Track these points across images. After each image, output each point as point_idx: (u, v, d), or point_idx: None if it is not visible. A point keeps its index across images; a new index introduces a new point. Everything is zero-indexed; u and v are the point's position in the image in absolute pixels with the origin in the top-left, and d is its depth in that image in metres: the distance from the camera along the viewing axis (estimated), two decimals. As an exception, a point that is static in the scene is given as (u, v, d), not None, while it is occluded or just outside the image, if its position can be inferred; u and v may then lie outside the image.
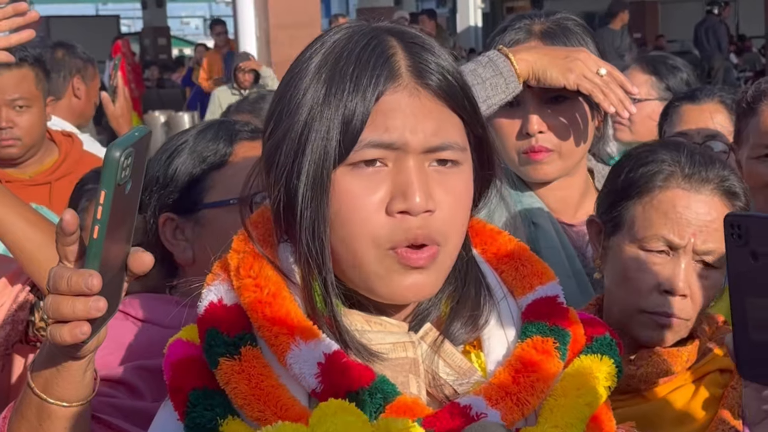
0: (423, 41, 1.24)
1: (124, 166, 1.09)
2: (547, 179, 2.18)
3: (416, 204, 1.17)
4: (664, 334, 1.75)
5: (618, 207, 1.81)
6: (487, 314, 1.28)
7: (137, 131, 1.13)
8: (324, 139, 1.18)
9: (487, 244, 1.35)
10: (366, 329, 1.23)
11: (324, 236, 1.19)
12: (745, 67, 17.50)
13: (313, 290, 1.22)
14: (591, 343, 1.30)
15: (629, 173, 1.81)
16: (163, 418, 1.28)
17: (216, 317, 1.23)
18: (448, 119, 1.22)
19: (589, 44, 2.18)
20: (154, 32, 21.08)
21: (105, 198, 1.09)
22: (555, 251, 2.14)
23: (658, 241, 1.73)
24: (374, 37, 1.23)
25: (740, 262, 1.25)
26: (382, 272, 1.20)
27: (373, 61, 1.20)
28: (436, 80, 1.21)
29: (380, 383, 1.17)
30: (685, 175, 1.74)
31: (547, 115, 2.13)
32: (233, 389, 1.18)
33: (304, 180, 1.19)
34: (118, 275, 1.19)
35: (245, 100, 3.64)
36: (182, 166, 1.85)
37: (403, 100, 1.19)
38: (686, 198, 1.72)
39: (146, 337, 1.78)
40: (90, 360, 1.27)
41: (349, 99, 1.18)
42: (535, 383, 1.22)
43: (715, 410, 1.72)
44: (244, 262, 1.24)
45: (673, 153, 1.77)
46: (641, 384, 1.76)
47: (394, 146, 1.18)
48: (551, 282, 1.32)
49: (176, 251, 1.86)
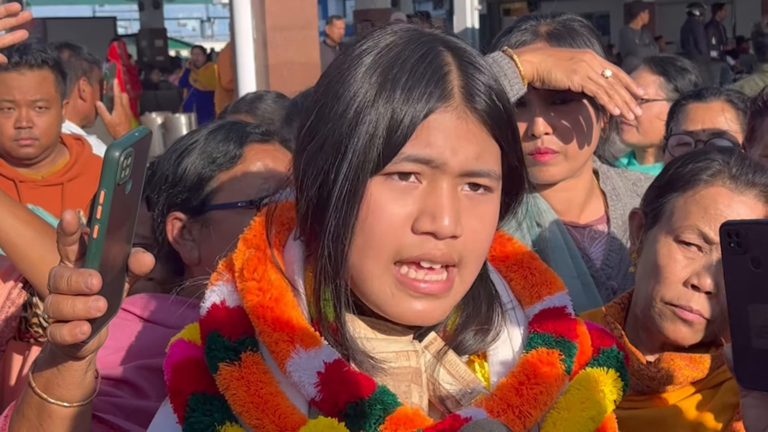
0: (476, 61, 1.22)
1: (123, 166, 1.08)
2: (553, 181, 2.17)
3: (444, 227, 1.15)
4: (684, 329, 1.74)
5: (661, 199, 1.81)
6: (497, 330, 1.26)
7: (137, 132, 1.13)
8: (366, 145, 1.16)
9: (496, 251, 1.34)
10: (370, 337, 1.22)
11: (346, 243, 1.18)
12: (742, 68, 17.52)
13: (321, 296, 1.20)
14: (598, 355, 1.29)
15: (678, 168, 1.81)
16: (162, 418, 1.28)
17: (218, 319, 1.22)
18: (489, 147, 1.20)
19: (594, 45, 2.18)
20: (150, 34, 21.06)
21: (105, 198, 1.08)
22: (560, 252, 2.14)
23: (692, 233, 1.72)
24: (431, 49, 1.20)
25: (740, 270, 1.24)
26: (389, 293, 1.18)
27: (428, 77, 1.17)
28: (484, 104, 1.19)
29: (380, 394, 1.16)
30: (732, 175, 1.74)
31: (553, 117, 2.12)
32: (232, 395, 1.17)
33: (340, 184, 1.17)
34: (119, 275, 1.18)
35: (243, 99, 3.61)
36: (191, 166, 1.84)
37: (450, 121, 1.17)
38: (728, 197, 1.72)
39: (149, 337, 1.77)
40: (91, 360, 1.26)
41: (398, 109, 1.16)
42: (539, 396, 1.20)
43: (731, 418, 1.71)
44: (249, 263, 1.23)
45: (725, 155, 1.78)
46: (659, 386, 1.75)
47: (432, 164, 1.16)
48: (560, 292, 1.30)
49: (183, 251, 1.85)
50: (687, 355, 1.76)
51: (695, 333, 1.75)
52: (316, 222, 1.21)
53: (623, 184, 2.30)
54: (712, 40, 15.58)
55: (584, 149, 2.15)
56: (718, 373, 1.77)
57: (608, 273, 2.18)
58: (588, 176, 2.25)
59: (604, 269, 2.18)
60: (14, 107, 3.33)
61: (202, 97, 14.75)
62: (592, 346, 1.29)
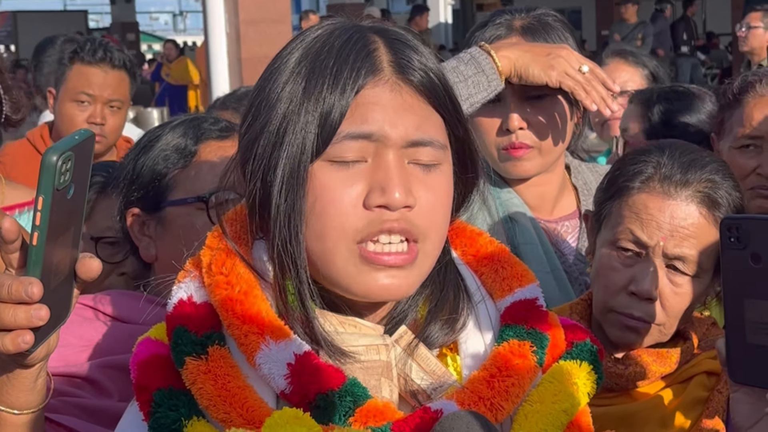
0: (406, 38, 1.22)
1: (62, 171, 1.05)
2: (527, 176, 2.17)
3: (395, 198, 1.15)
4: (631, 336, 1.74)
5: (603, 204, 1.81)
6: (465, 318, 1.26)
7: (77, 134, 1.10)
8: (302, 131, 1.16)
9: (467, 246, 1.33)
10: (340, 330, 1.21)
11: (299, 231, 1.17)
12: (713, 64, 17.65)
13: (286, 288, 1.19)
14: (571, 349, 1.29)
15: (616, 172, 1.81)
16: (129, 417, 1.26)
17: (184, 315, 1.20)
18: (429, 116, 1.20)
19: (569, 40, 2.18)
20: (122, 27, 20.93)
21: (43, 204, 1.05)
22: (533, 247, 2.14)
23: (627, 239, 1.72)
24: (356, 32, 1.21)
25: (738, 265, 1.24)
26: (353, 270, 1.17)
27: (354, 55, 1.18)
28: (418, 77, 1.19)
29: (351, 386, 1.15)
30: (664, 177, 1.72)
31: (527, 112, 2.12)
32: (199, 389, 1.16)
33: (281, 173, 1.16)
34: (66, 282, 1.15)
35: (233, 95, 3.54)
36: (149, 162, 1.84)
37: (384, 94, 1.17)
38: (659, 201, 1.70)
39: (115, 335, 1.76)
40: (41, 368, 1.23)
41: (329, 92, 1.16)
42: (510, 388, 1.20)
43: (701, 412, 1.72)
44: (217, 259, 1.22)
45: (660, 155, 1.75)
46: (629, 383, 1.75)
47: (372, 138, 1.16)
48: (531, 284, 1.30)
49: (141, 247, 1.85)
50: (654, 351, 1.76)
51: (642, 338, 1.74)
52: (266, 215, 1.20)
53: (595, 179, 2.31)
54: (683, 35, 15.66)
55: (558, 144, 2.15)
56: (688, 368, 1.77)
57: (581, 268, 2.18)
58: (560, 171, 2.25)
59: (576, 264, 2.18)
60: (90, 102, 3.43)
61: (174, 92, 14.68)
62: (566, 339, 1.29)
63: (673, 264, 1.71)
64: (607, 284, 1.74)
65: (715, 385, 1.73)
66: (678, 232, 1.69)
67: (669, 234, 1.69)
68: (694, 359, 1.77)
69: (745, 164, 2.35)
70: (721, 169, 1.76)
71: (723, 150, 2.42)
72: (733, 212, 1.71)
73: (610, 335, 1.76)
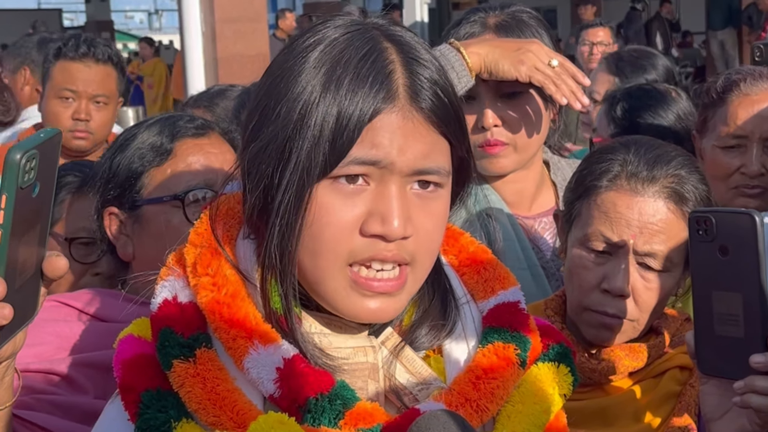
0: (420, 56, 1.20)
1: (26, 169, 1.05)
2: (504, 172, 2.18)
3: (394, 230, 1.14)
4: (606, 333, 1.75)
5: (572, 204, 1.81)
6: (452, 324, 1.26)
7: (43, 133, 1.09)
8: (311, 150, 1.14)
9: (448, 245, 1.33)
10: (326, 332, 1.21)
11: (293, 248, 1.16)
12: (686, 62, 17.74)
13: (271, 293, 1.19)
14: (547, 351, 1.30)
15: (583, 171, 1.82)
16: (111, 415, 1.24)
17: (170, 316, 1.19)
18: (436, 143, 1.19)
19: (543, 36, 2.18)
20: (97, 26, 20.75)
21: (6, 202, 1.04)
22: (510, 244, 2.15)
23: (597, 239, 1.73)
24: (374, 46, 1.18)
25: (706, 257, 1.25)
26: (343, 293, 1.17)
27: (372, 77, 1.15)
28: (429, 102, 1.17)
29: (340, 389, 1.15)
30: (630, 174, 1.72)
31: (502, 109, 2.12)
32: (187, 393, 1.15)
33: (285, 190, 1.15)
34: (33, 280, 1.14)
35: (206, 93, 3.52)
36: (125, 161, 1.85)
37: (396, 121, 1.15)
38: (627, 198, 1.71)
39: (93, 333, 1.76)
40: (9, 366, 1.22)
41: (343, 112, 1.14)
42: (495, 390, 1.21)
43: (673, 406, 1.74)
44: (202, 258, 1.21)
45: (626, 152, 1.76)
46: (602, 378, 1.77)
47: (379, 164, 1.15)
48: (513, 287, 1.30)
49: (118, 246, 1.86)
50: (626, 345, 1.77)
51: (621, 334, 1.76)
52: (262, 223, 1.19)
53: (574, 175, 2.32)
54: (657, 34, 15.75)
55: (534, 140, 2.16)
56: (661, 362, 1.78)
57: (558, 264, 2.19)
58: (538, 167, 2.26)
59: (554, 260, 2.19)
60: (75, 98, 3.35)
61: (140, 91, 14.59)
62: (541, 342, 1.30)
63: (643, 260, 1.72)
64: (580, 283, 1.75)
65: (687, 379, 1.75)
66: (647, 228, 1.70)
67: (638, 231, 1.70)
68: (666, 354, 1.79)
69: (729, 163, 2.36)
70: (687, 163, 1.77)
71: (705, 148, 2.42)
72: (701, 206, 1.72)
73: (585, 334, 1.78)
